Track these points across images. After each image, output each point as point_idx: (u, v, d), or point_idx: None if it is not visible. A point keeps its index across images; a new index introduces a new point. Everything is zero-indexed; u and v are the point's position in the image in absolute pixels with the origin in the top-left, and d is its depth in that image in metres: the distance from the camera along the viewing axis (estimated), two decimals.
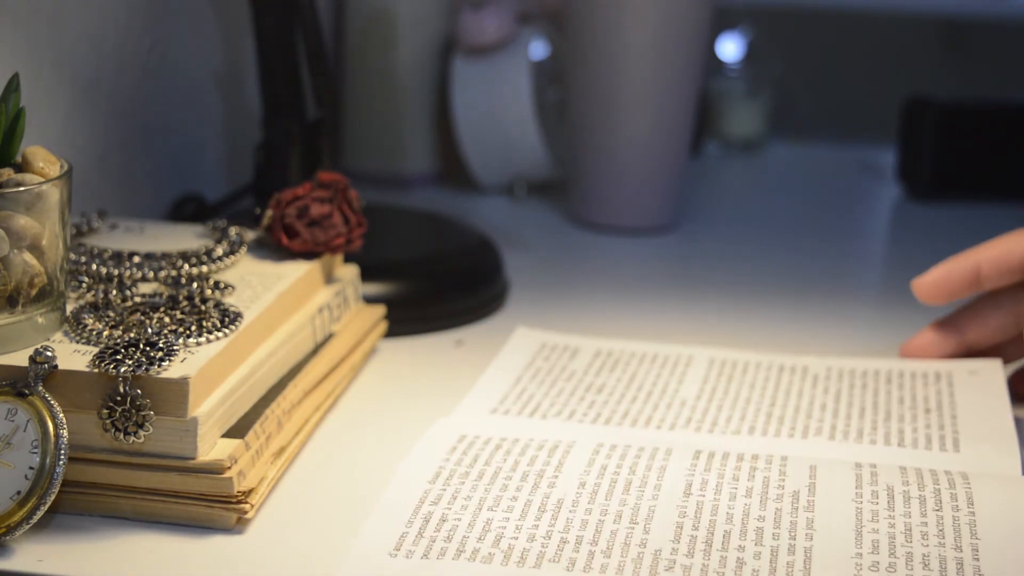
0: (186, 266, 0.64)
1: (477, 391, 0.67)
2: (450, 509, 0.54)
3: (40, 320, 0.56)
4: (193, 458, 0.53)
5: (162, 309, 0.60)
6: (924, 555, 0.50)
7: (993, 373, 0.68)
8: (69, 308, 0.59)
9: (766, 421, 0.64)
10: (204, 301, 0.61)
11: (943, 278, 0.69)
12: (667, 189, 1.00)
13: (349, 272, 0.72)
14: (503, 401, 0.66)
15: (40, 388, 0.53)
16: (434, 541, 0.51)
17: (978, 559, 0.50)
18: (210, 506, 0.54)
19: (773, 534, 0.51)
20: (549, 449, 0.58)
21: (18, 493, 0.52)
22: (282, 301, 0.64)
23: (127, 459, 0.54)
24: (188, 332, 0.57)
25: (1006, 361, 0.70)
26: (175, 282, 0.63)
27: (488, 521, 0.53)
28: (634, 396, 0.67)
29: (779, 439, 0.62)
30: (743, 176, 1.22)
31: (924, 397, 0.66)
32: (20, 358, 0.54)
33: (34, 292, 0.56)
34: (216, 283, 0.63)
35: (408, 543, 0.51)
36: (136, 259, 0.65)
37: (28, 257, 0.55)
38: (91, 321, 0.58)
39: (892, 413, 0.65)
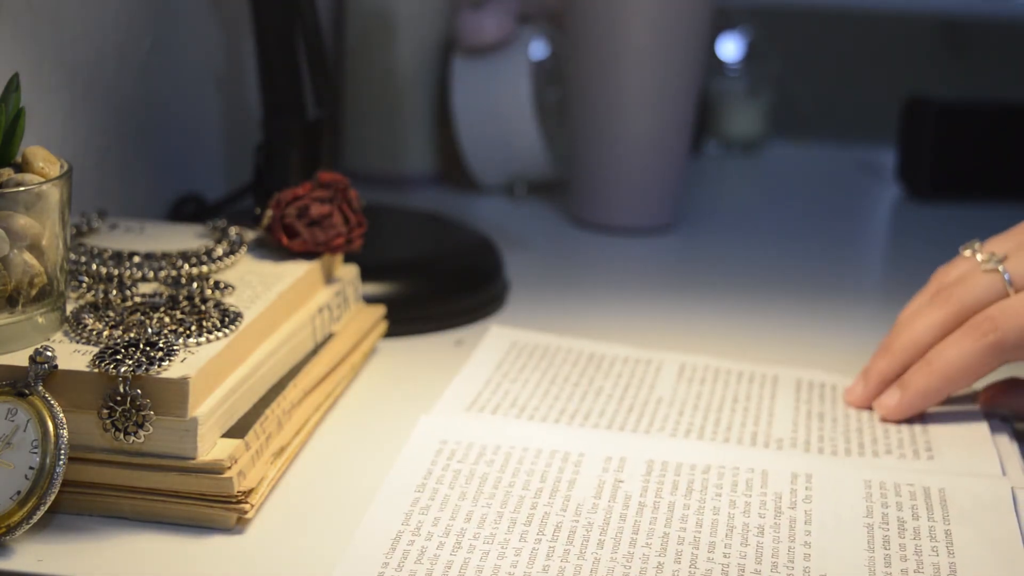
0: (186, 266, 0.64)
1: (449, 395, 0.67)
2: (420, 565, 0.52)
3: (40, 320, 0.56)
4: (193, 458, 0.53)
5: (162, 309, 0.60)
6: None
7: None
8: (69, 308, 0.59)
9: (740, 429, 0.64)
10: (204, 301, 0.60)
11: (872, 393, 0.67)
12: (667, 189, 1.00)
13: (349, 272, 0.72)
14: (476, 400, 0.66)
15: (40, 388, 0.53)
16: None
17: None
18: (210, 506, 0.54)
19: None
20: (523, 484, 0.57)
21: (18, 493, 0.52)
22: (282, 301, 0.64)
23: (127, 459, 0.54)
24: (188, 332, 0.57)
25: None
26: (175, 282, 0.63)
27: None
28: (609, 394, 0.68)
29: (755, 448, 0.62)
30: (743, 176, 1.22)
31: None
32: (20, 358, 0.54)
33: (34, 292, 0.56)
34: (216, 283, 0.63)
35: None
36: (136, 259, 0.65)
37: (28, 257, 0.55)
38: (91, 321, 0.58)
39: (863, 423, 0.65)
